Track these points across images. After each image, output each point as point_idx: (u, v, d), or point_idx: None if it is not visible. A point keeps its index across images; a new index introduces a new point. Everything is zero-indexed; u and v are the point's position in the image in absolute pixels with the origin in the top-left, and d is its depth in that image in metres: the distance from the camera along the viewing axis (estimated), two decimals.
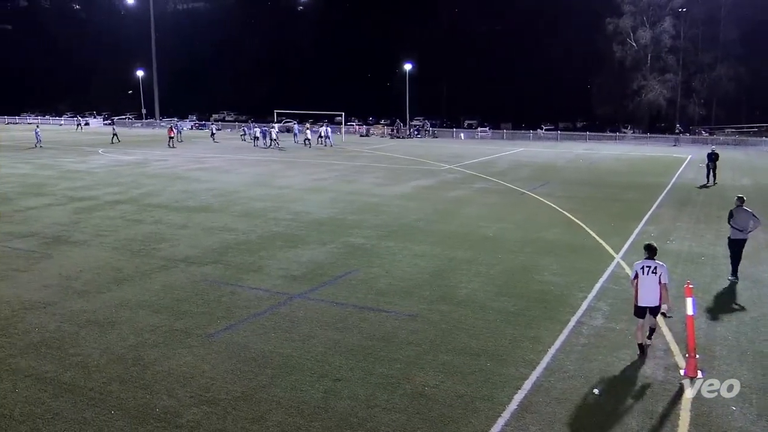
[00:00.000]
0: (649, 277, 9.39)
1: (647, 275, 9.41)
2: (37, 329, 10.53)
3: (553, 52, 69.15)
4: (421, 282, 13.19)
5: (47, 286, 12.84)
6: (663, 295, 9.40)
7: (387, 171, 33.37)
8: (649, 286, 9.40)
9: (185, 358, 9.37)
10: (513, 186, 27.67)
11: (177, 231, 18.15)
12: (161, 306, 11.67)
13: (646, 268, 9.46)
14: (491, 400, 8.18)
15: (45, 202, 22.99)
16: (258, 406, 7.99)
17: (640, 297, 9.49)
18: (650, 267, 9.44)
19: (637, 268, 9.57)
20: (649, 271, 9.41)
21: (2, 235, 17.64)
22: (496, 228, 18.67)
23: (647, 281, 9.40)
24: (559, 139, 61.79)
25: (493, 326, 10.70)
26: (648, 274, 9.40)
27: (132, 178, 30.09)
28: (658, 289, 9.37)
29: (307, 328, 10.56)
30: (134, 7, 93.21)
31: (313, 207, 22.05)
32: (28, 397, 8.21)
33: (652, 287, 9.38)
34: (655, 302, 9.43)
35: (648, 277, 9.40)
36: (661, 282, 9.35)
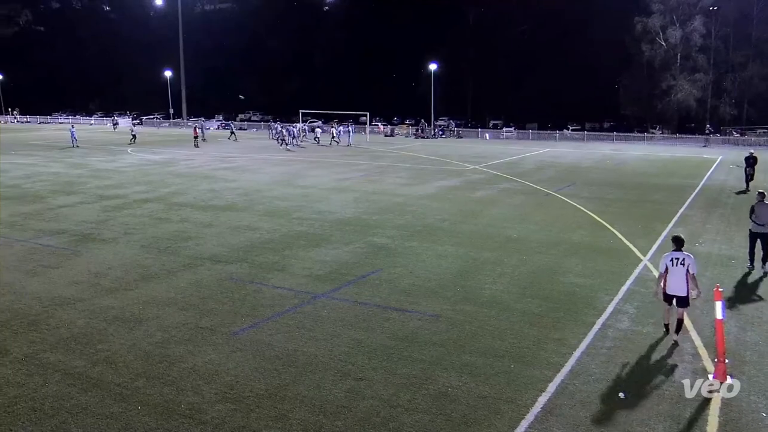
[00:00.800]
0: (678, 269, 9.84)
1: (676, 266, 9.85)
2: (66, 325, 10.74)
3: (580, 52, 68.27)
4: (445, 282, 13.15)
5: (77, 283, 13.09)
6: (691, 284, 9.84)
7: (411, 171, 33.33)
8: (677, 276, 9.85)
9: (210, 356, 9.47)
10: (538, 187, 27.45)
11: (203, 229, 18.36)
12: (187, 303, 11.82)
13: (675, 260, 9.88)
14: (515, 402, 8.13)
15: (75, 200, 23.44)
16: (281, 404, 8.05)
17: (668, 286, 9.96)
18: (678, 258, 9.87)
19: (666, 260, 9.99)
20: (677, 263, 9.85)
21: (34, 232, 18.04)
22: (521, 229, 18.53)
23: (676, 272, 9.86)
24: (585, 139, 61.09)
25: (517, 328, 10.63)
26: (676, 266, 9.85)
27: (159, 177, 30.51)
28: (685, 279, 9.81)
29: (330, 328, 10.60)
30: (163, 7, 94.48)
31: (337, 206, 22.12)
32: (57, 391, 8.37)
33: (680, 278, 9.83)
34: (682, 292, 9.84)
35: (676, 269, 9.85)
36: (689, 272, 9.80)
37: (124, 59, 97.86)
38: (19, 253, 15.61)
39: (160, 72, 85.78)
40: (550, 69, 69.96)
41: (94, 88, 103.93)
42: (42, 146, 49.53)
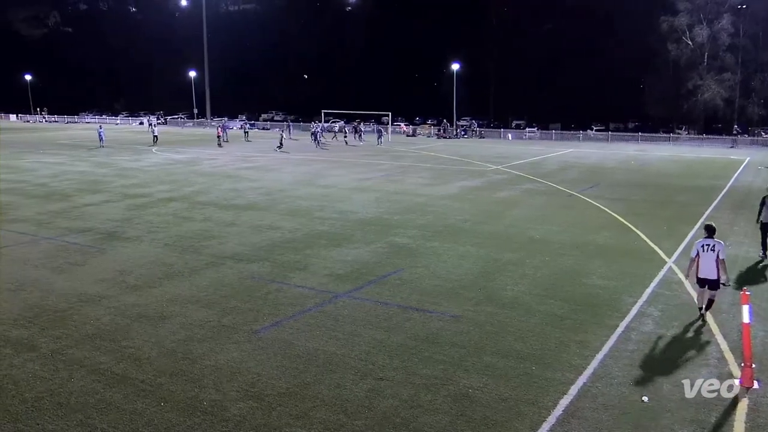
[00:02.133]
0: (708, 254, 10.63)
1: (707, 252, 10.65)
2: (92, 321, 10.91)
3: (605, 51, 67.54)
4: (466, 283, 13.11)
5: (102, 280, 13.29)
6: (721, 269, 10.57)
7: (433, 171, 33.28)
8: (708, 261, 10.62)
9: (232, 354, 9.55)
10: (561, 187, 27.22)
11: (225, 228, 18.52)
12: (210, 302, 11.93)
13: (705, 246, 10.69)
14: (536, 404, 8.07)
15: (101, 199, 23.81)
16: (302, 403, 8.08)
17: (700, 270, 10.72)
18: (709, 245, 10.66)
19: (698, 246, 10.79)
20: (708, 249, 10.65)
21: (60, 230, 18.36)
22: (544, 230, 18.39)
23: (706, 257, 10.64)
24: (609, 140, 60.41)
25: (539, 329, 10.55)
26: (707, 252, 10.64)
27: (183, 176, 30.85)
28: (716, 264, 10.56)
29: (351, 327, 10.62)
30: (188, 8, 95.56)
31: (358, 206, 22.17)
32: (83, 386, 8.50)
33: (711, 263, 10.59)
34: (713, 276, 10.61)
35: (707, 254, 10.64)
36: (719, 258, 10.55)
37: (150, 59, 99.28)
38: (46, 251, 15.90)
39: (185, 72, 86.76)
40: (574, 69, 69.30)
41: (120, 88, 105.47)
42: (69, 145, 50.42)
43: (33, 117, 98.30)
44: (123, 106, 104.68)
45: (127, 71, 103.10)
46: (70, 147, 48.90)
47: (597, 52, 68.34)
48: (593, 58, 68.45)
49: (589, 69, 68.25)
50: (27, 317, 11.08)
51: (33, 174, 31.69)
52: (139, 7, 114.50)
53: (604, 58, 67.56)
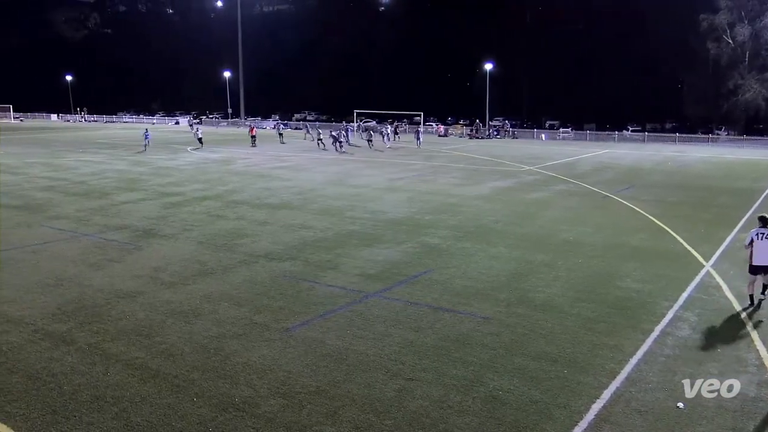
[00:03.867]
0: (764, 242, 11.26)
1: (762, 240, 11.28)
2: (127, 317, 11.13)
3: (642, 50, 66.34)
4: (498, 284, 13.01)
5: (138, 277, 13.56)
6: None
7: (465, 171, 33.12)
8: (763, 249, 11.24)
9: (264, 351, 9.64)
10: (596, 189, 26.82)
11: (258, 227, 18.72)
12: (242, 299, 12.07)
13: (760, 234, 11.32)
14: (568, 408, 7.96)
15: (137, 197, 24.29)
16: (332, 401, 8.11)
17: (755, 258, 11.28)
18: (764, 233, 11.29)
19: (753, 234, 11.40)
20: (763, 237, 11.28)
21: (98, 227, 18.79)
22: (577, 232, 18.15)
23: (762, 245, 11.26)
24: (645, 140, 59.33)
25: (571, 332, 10.41)
26: (763, 239, 11.27)
27: (217, 175, 31.28)
28: None
29: (381, 327, 10.63)
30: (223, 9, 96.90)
31: (389, 206, 22.18)
32: (118, 381, 8.67)
33: (766, 250, 11.21)
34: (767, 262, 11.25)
35: (763, 242, 11.27)
36: None
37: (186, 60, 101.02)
38: (85, 247, 16.28)
39: (219, 72, 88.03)
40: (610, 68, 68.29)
41: (157, 88, 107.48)
42: (108, 145, 51.58)
43: (73, 117, 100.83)
44: (159, 105, 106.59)
45: (163, 71, 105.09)
46: (108, 146, 50.03)
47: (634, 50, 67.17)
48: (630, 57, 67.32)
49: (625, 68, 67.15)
50: (65, 312, 11.36)
51: (73, 172, 32.51)
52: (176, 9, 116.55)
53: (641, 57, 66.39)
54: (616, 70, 67.76)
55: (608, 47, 69.48)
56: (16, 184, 27.85)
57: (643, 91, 66.59)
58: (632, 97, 67.09)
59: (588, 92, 69.54)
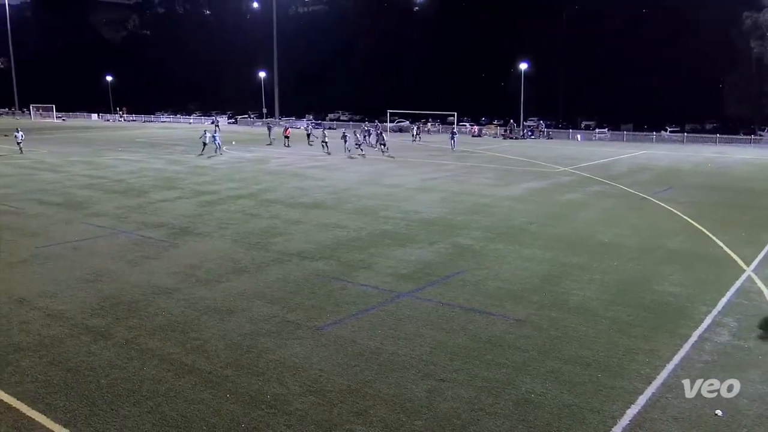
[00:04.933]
0: None
1: None
2: (163, 313, 11.34)
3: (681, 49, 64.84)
4: (531, 286, 12.88)
5: (174, 274, 13.80)
6: None
7: (498, 172, 32.88)
8: None
9: (296, 349, 9.72)
10: (632, 190, 26.34)
11: (292, 226, 18.88)
12: (275, 297, 12.18)
13: None
14: (601, 412, 7.84)
15: (174, 195, 24.73)
16: (363, 401, 8.14)
17: None
18: None
19: None
20: None
21: (136, 224, 19.18)
22: (613, 234, 17.85)
23: None
24: (685, 141, 58.03)
25: (605, 336, 10.25)
26: None
27: (252, 174, 31.64)
28: None
29: (413, 327, 10.62)
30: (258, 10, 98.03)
31: (422, 206, 22.14)
32: (154, 375, 8.85)
33: None
34: None
35: None
36: None
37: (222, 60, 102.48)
38: (123, 244, 16.65)
39: (255, 72, 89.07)
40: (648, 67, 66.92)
41: (194, 89, 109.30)
42: (146, 144, 52.65)
43: (112, 116, 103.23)
44: (196, 106, 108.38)
45: (200, 72, 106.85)
46: (146, 145, 51.06)
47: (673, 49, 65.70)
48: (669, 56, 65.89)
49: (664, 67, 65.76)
50: (104, 307, 11.63)
51: (112, 170, 33.27)
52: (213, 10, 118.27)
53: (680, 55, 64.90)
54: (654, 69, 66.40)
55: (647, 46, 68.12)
56: (58, 182, 28.64)
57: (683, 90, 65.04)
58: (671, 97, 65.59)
59: (625, 92, 68.20)
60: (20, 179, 29.86)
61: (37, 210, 21.70)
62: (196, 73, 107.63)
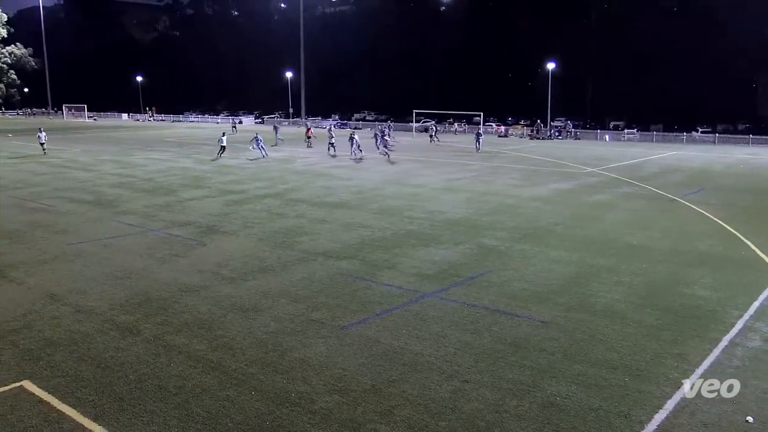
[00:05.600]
0: None
1: None
2: (190, 310, 11.48)
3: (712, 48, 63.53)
4: (557, 288, 12.75)
5: (201, 271, 13.96)
6: None
7: (524, 172, 32.63)
8: None
9: (320, 348, 9.76)
10: (662, 192, 25.92)
11: (317, 225, 18.96)
12: (300, 296, 12.25)
13: None
14: (628, 417, 7.74)
15: (201, 194, 25.02)
16: (387, 400, 8.14)
17: None
18: None
19: None
20: None
21: (165, 223, 19.45)
22: (642, 236, 17.58)
23: None
24: (716, 142, 56.90)
25: (633, 339, 10.10)
26: None
27: (278, 174, 31.87)
28: None
29: (437, 328, 10.59)
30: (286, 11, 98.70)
31: (447, 206, 22.07)
32: (181, 371, 8.96)
33: None
34: None
35: None
36: None
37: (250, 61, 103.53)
38: (151, 242, 16.90)
39: (282, 72, 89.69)
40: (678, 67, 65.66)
41: (222, 89, 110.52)
42: (174, 143, 53.36)
43: (142, 116, 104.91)
44: (224, 105, 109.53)
45: (228, 72, 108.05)
46: (175, 144, 51.74)
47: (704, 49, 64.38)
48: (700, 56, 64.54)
49: (695, 67, 64.44)
50: (132, 304, 11.82)
51: (142, 169, 33.79)
52: (241, 11, 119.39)
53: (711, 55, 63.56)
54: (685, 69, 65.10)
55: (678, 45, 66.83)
56: (89, 181, 29.21)
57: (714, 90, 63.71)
58: (702, 97, 64.30)
59: (655, 92, 67.06)
60: (52, 177, 30.53)
61: (68, 208, 22.15)
62: (224, 73, 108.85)
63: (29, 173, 32.43)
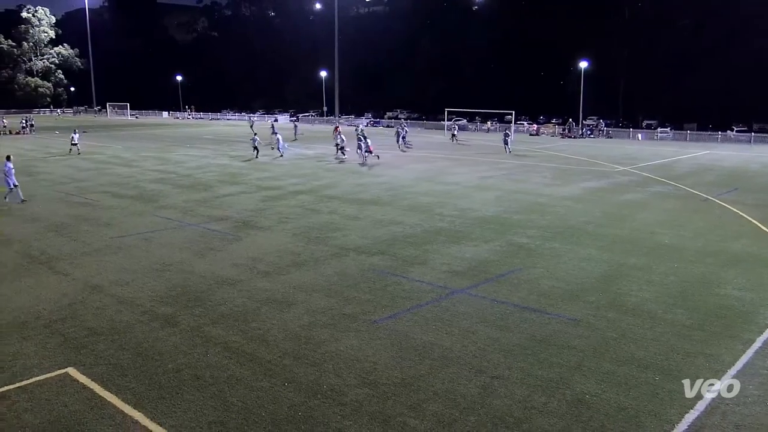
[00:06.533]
0: None
1: None
2: (226, 303, 11.81)
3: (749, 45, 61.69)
4: (587, 286, 12.74)
5: (236, 265, 14.31)
6: None
7: (556, 171, 32.39)
8: None
9: (351, 341, 9.96)
10: (695, 191, 25.51)
11: (349, 221, 19.21)
12: (332, 290, 12.48)
13: None
14: (658, 416, 7.73)
15: (238, 190, 25.52)
16: (416, 394, 8.28)
17: None
18: None
19: None
20: None
21: (202, 217, 19.93)
22: (674, 235, 17.39)
23: None
24: (752, 141, 55.44)
25: (664, 339, 10.06)
26: None
27: (312, 170, 32.23)
28: None
29: (467, 323, 10.70)
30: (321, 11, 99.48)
31: (478, 204, 22.11)
32: (217, 362, 9.25)
33: None
34: None
35: None
36: None
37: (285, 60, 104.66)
38: (189, 236, 17.35)
39: (316, 72, 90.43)
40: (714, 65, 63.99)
41: (258, 87, 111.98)
42: (212, 140, 54.30)
43: (181, 114, 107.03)
44: (260, 104, 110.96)
45: (264, 71, 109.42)
46: (213, 142, 52.66)
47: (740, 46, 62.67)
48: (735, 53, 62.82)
49: (730, 65, 62.72)
50: (171, 295, 12.21)
51: (181, 166, 34.57)
52: (277, 12, 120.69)
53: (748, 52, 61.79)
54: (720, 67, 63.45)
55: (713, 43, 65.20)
56: (131, 176, 30.06)
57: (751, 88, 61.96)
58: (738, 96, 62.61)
59: (689, 90, 65.40)
60: (97, 173, 31.49)
61: (111, 202, 22.84)
62: (260, 72, 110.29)
63: (74, 169, 33.50)
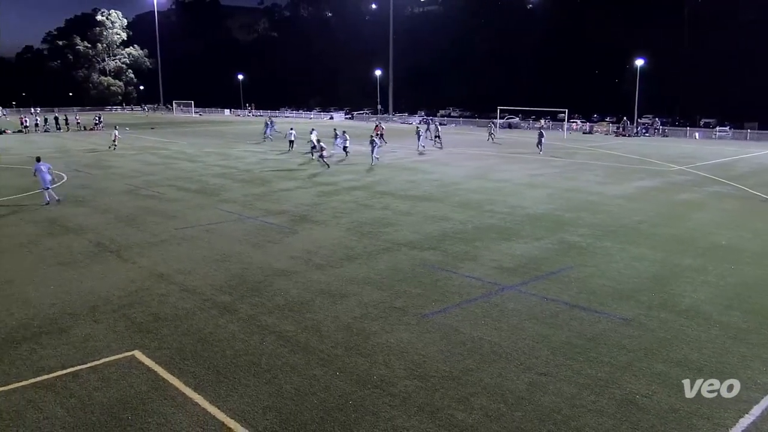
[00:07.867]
0: None
1: None
2: (282, 293, 12.21)
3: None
4: (639, 286, 12.60)
5: (292, 258, 14.75)
6: None
7: (608, 169, 31.79)
8: None
9: (402, 334, 10.18)
10: (755, 192, 24.64)
11: (401, 217, 19.44)
12: (384, 284, 12.73)
13: None
14: (711, 420, 7.60)
15: (294, 185, 26.17)
16: (464, 388, 8.40)
17: None
18: None
19: None
20: None
21: (260, 211, 20.55)
22: (731, 236, 16.93)
23: None
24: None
25: (719, 341, 9.89)
26: None
27: (365, 167, 32.59)
28: None
29: (516, 320, 10.77)
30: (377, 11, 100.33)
31: (529, 202, 22.00)
32: (272, 350, 9.61)
33: None
34: None
35: None
36: None
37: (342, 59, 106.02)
38: (248, 229, 17.94)
39: (371, 70, 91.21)
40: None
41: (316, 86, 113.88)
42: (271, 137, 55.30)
43: (242, 111, 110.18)
44: (317, 102, 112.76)
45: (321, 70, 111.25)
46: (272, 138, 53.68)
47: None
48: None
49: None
50: (230, 285, 12.71)
51: (241, 161, 35.62)
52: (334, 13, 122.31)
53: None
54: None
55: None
56: (195, 171, 31.20)
57: None
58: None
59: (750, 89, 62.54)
60: (163, 167, 32.80)
61: (176, 195, 23.80)
62: (317, 71, 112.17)
63: (143, 163, 34.97)
